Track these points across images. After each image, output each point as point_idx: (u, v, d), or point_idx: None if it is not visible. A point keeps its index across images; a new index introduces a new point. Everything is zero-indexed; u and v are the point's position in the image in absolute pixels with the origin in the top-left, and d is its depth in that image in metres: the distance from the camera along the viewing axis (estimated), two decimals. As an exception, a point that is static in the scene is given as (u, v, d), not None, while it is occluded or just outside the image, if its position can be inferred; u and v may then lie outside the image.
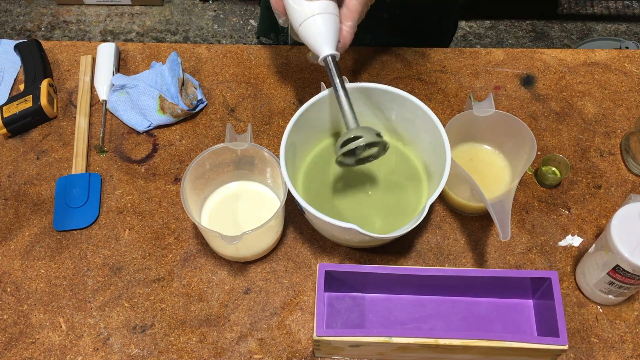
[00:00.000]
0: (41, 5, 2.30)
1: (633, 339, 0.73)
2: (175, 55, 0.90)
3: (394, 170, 0.81)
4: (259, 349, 0.72)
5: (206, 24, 2.27)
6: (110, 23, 2.26)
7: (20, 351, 0.71)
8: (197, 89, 0.89)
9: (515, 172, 0.79)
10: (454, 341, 0.64)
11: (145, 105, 0.87)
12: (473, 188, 0.73)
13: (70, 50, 0.98)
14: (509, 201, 0.70)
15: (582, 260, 0.75)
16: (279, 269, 0.77)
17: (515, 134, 0.77)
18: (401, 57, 0.96)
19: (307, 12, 0.66)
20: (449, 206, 0.82)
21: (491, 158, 0.82)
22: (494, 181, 0.80)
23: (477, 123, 0.78)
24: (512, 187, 0.72)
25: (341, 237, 0.74)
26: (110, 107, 0.89)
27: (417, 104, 0.75)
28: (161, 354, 0.71)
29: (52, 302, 0.75)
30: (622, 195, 0.83)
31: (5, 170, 0.85)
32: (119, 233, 0.80)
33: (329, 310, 0.73)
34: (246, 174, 0.79)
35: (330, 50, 0.67)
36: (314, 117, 0.77)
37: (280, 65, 0.96)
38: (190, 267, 0.77)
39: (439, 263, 0.78)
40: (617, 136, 0.89)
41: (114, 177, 0.85)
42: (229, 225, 0.76)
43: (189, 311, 0.74)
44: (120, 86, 0.89)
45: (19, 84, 0.94)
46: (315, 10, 0.66)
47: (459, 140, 0.82)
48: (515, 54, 0.97)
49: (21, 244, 0.79)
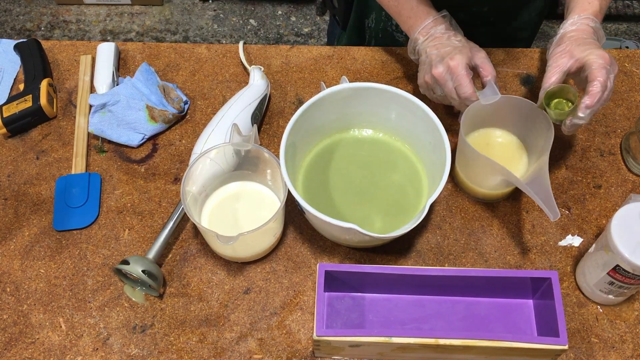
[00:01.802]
0: (41, 5, 2.30)
1: (633, 339, 0.73)
2: (147, 66, 0.90)
3: (394, 170, 0.81)
4: (259, 349, 0.72)
5: (206, 23, 2.27)
6: (110, 23, 2.26)
7: (20, 351, 0.71)
8: (177, 90, 0.89)
9: (531, 152, 0.79)
10: (454, 341, 0.64)
11: (134, 119, 0.85)
12: (504, 174, 0.73)
13: (70, 50, 0.97)
14: (545, 177, 0.69)
15: (582, 260, 0.75)
16: (279, 269, 0.77)
17: (526, 115, 0.77)
18: (401, 57, 0.96)
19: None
20: (470, 197, 0.82)
21: (505, 140, 0.83)
22: (511, 162, 0.81)
23: (486, 111, 0.79)
24: (542, 163, 0.72)
25: (341, 237, 0.74)
26: (94, 130, 0.85)
27: (417, 104, 0.75)
28: (161, 354, 0.71)
29: (52, 302, 0.75)
30: (622, 195, 0.83)
31: (5, 170, 0.85)
32: (118, 233, 0.80)
33: (329, 310, 0.73)
34: (247, 174, 0.79)
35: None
36: (314, 117, 0.77)
37: (280, 65, 0.96)
38: (190, 267, 0.77)
39: (439, 263, 0.78)
40: (617, 136, 0.89)
41: (113, 177, 0.84)
42: (229, 226, 0.76)
43: (188, 311, 0.74)
44: (101, 105, 0.84)
45: (18, 84, 0.94)
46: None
47: (471, 129, 0.82)
48: (515, 54, 0.97)
49: (21, 244, 0.79)
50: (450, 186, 0.84)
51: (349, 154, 0.83)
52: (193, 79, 0.94)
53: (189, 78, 0.94)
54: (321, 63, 0.96)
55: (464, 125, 0.76)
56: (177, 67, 0.95)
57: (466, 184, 0.81)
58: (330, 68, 0.95)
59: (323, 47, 0.98)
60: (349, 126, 0.84)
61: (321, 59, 0.96)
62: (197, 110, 0.91)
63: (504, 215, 0.81)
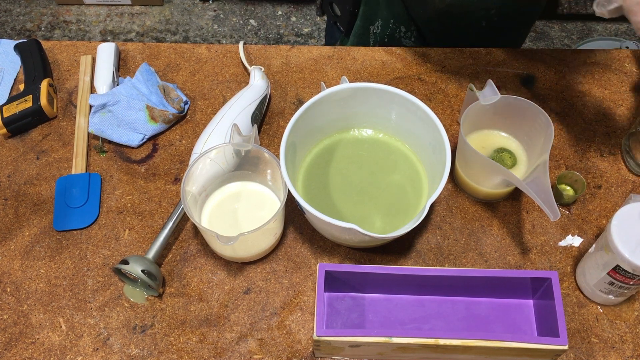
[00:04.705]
0: (41, 5, 2.30)
1: (633, 339, 0.73)
2: (147, 66, 0.90)
3: (394, 171, 0.81)
4: (259, 349, 0.72)
5: (206, 24, 2.27)
6: (110, 23, 2.26)
7: (20, 351, 0.71)
8: (177, 90, 0.89)
9: (531, 152, 0.80)
10: (454, 341, 0.64)
11: (134, 119, 0.85)
12: (504, 174, 0.73)
13: (70, 50, 0.97)
14: (546, 178, 0.69)
15: (582, 260, 0.75)
16: (279, 269, 0.77)
17: (525, 114, 0.78)
18: (401, 57, 0.96)
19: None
20: (470, 196, 0.82)
21: (504, 143, 0.83)
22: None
23: (486, 111, 0.79)
24: (542, 163, 0.72)
25: (341, 237, 0.74)
26: (94, 130, 0.85)
27: (417, 104, 0.75)
28: (161, 354, 0.71)
29: (52, 302, 0.75)
30: (622, 195, 0.83)
31: (5, 170, 0.85)
32: (118, 233, 0.80)
33: (329, 310, 0.73)
34: (247, 174, 0.79)
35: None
36: (314, 117, 0.77)
37: (280, 65, 0.96)
38: (190, 267, 0.77)
39: (439, 263, 0.78)
40: (617, 136, 0.89)
41: (113, 177, 0.84)
42: (229, 226, 0.76)
43: (188, 311, 0.74)
44: (101, 106, 0.84)
45: (19, 84, 0.94)
46: None
47: (470, 130, 0.82)
48: (515, 54, 0.97)
49: (21, 244, 0.79)
50: (450, 186, 0.84)
51: (349, 154, 0.83)
52: (193, 79, 0.94)
53: (189, 78, 0.94)
54: (321, 63, 0.96)
55: (464, 126, 0.76)
56: (177, 68, 0.96)
57: (466, 183, 0.81)
58: (330, 68, 0.95)
59: (323, 47, 0.98)
60: (349, 126, 0.84)
61: (321, 59, 0.96)
62: (197, 111, 0.91)
63: (504, 215, 0.81)
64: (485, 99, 0.77)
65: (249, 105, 0.84)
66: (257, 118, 0.85)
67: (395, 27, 0.99)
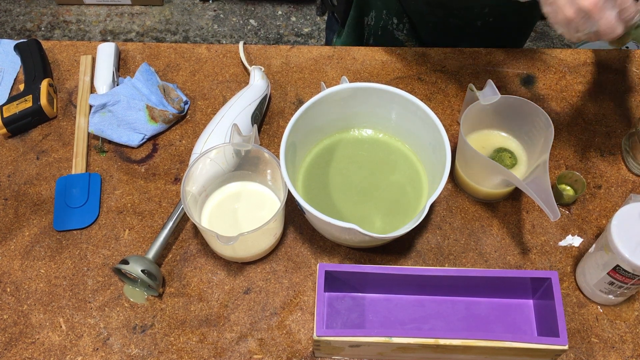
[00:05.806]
0: (41, 5, 2.30)
1: (633, 339, 0.73)
2: (147, 66, 0.90)
3: (394, 170, 0.81)
4: (259, 349, 0.72)
5: (206, 24, 2.27)
6: (110, 23, 2.26)
7: (20, 351, 0.71)
8: (177, 90, 0.89)
9: (531, 152, 0.80)
10: (454, 341, 0.64)
11: (134, 119, 0.85)
12: (504, 174, 0.73)
13: (70, 50, 0.97)
14: (546, 178, 0.70)
15: (582, 260, 0.75)
16: (279, 269, 0.77)
17: (525, 114, 0.78)
18: (401, 57, 0.96)
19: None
20: (470, 196, 0.82)
21: (504, 143, 0.83)
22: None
23: (486, 111, 0.79)
24: (541, 163, 0.72)
25: (341, 237, 0.74)
26: (94, 130, 0.85)
27: (417, 104, 0.75)
28: (161, 354, 0.71)
29: (52, 302, 0.75)
30: (622, 195, 0.83)
31: (5, 170, 0.85)
32: (118, 233, 0.80)
33: (329, 310, 0.73)
34: (247, 174, 0.79)
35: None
36: (314, 117, 0.77)
37: (280, 65, 0.96)
38: (190, 267, 0.77)
39: (439, 263, 0.78)
40: (617, 136, 0.89)
41: (113, 177, 0.84)
42: (229, 226, 0.76)
43: (188, 311, 0.74)
44: (101, 105, 0.84)
45: (18, 84, 0.94)
46: None
47: (471, 129, 0.82)
48: (515, 54, 0.97)
49: (21, 244, 0.79)
50: (450, 186, 0.84)
51: (349, 154, 0.83)
52: (193, 79, 0.94)
53: (189, 78, 0.94)
54: (321, 63, 0.96)
55: (464, 126, 0.76)
56: (177, 67, 0.95)
57: (466, 183, 0.81)
58: (330, 68, 0.95)
59: (323, 47, 0.98)
60: (349, 126, 0.84)
61: (321, 59, 0.96)
62: (197, 111, 0.91)
63: (504, 215, 0.81)
64: (485, 99, 0.77)
65: (249, 105, 0.84)
66: (257, 118, 0.85)
67: (387, 18, 0.99)
